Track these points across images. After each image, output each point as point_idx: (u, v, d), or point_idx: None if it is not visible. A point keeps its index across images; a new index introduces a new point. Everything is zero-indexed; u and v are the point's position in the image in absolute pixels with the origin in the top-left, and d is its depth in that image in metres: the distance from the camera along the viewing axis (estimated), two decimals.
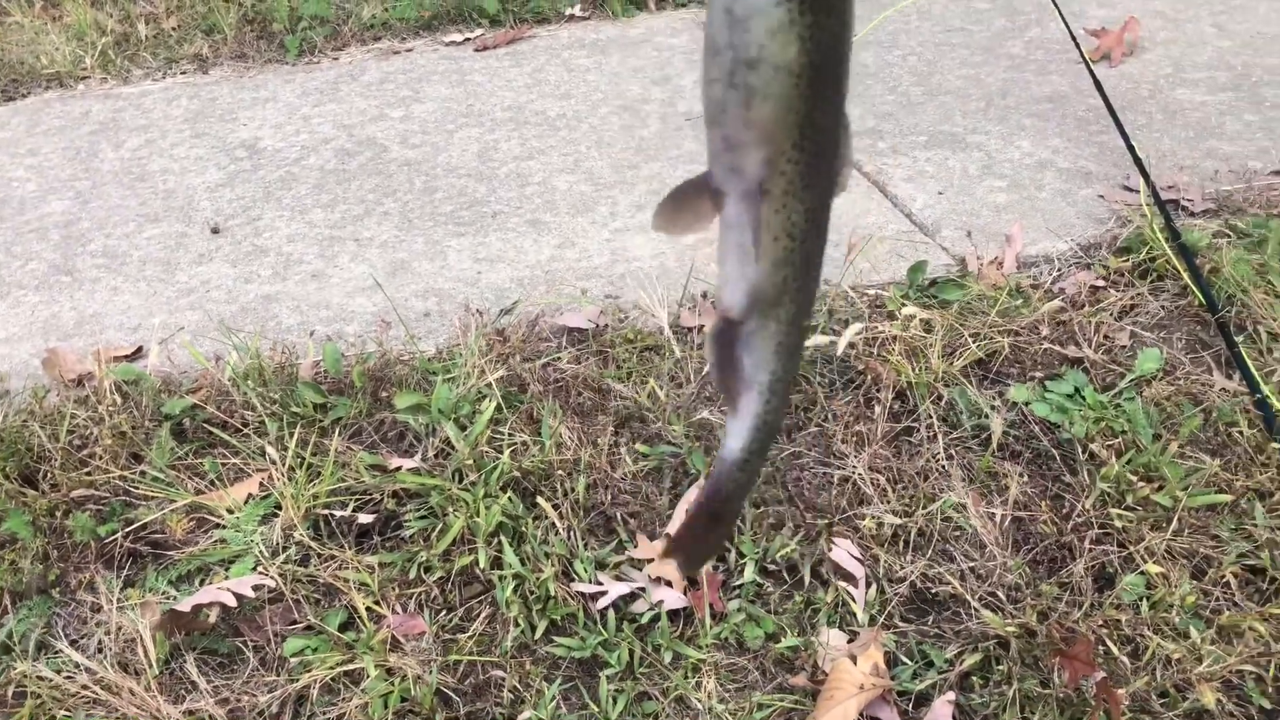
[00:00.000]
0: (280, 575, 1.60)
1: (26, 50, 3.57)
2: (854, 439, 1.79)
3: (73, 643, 1.53)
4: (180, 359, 2.07)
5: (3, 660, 1.52)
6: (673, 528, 1.64)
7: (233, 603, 1.53)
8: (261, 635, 1.54)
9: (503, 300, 2.19)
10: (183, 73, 3.47)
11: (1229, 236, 2.19)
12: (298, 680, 1.46)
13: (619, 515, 1.68)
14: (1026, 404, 1.83)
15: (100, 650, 1.52)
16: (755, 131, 0.68)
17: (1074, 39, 2.77)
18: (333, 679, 1.47)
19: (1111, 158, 2.56)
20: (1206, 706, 1.35)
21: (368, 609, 1.55)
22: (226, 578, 1.60)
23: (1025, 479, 1.71)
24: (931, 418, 1.81)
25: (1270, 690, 1.39)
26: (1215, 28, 3.23)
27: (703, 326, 2.04)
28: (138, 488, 1.76)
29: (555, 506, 1.67)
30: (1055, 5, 2.96)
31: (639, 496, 1.71)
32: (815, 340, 1.91)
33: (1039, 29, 3.28)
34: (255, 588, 1.57)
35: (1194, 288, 2.04)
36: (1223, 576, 1.53)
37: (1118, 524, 1.61)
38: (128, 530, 1.69)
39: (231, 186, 2.73)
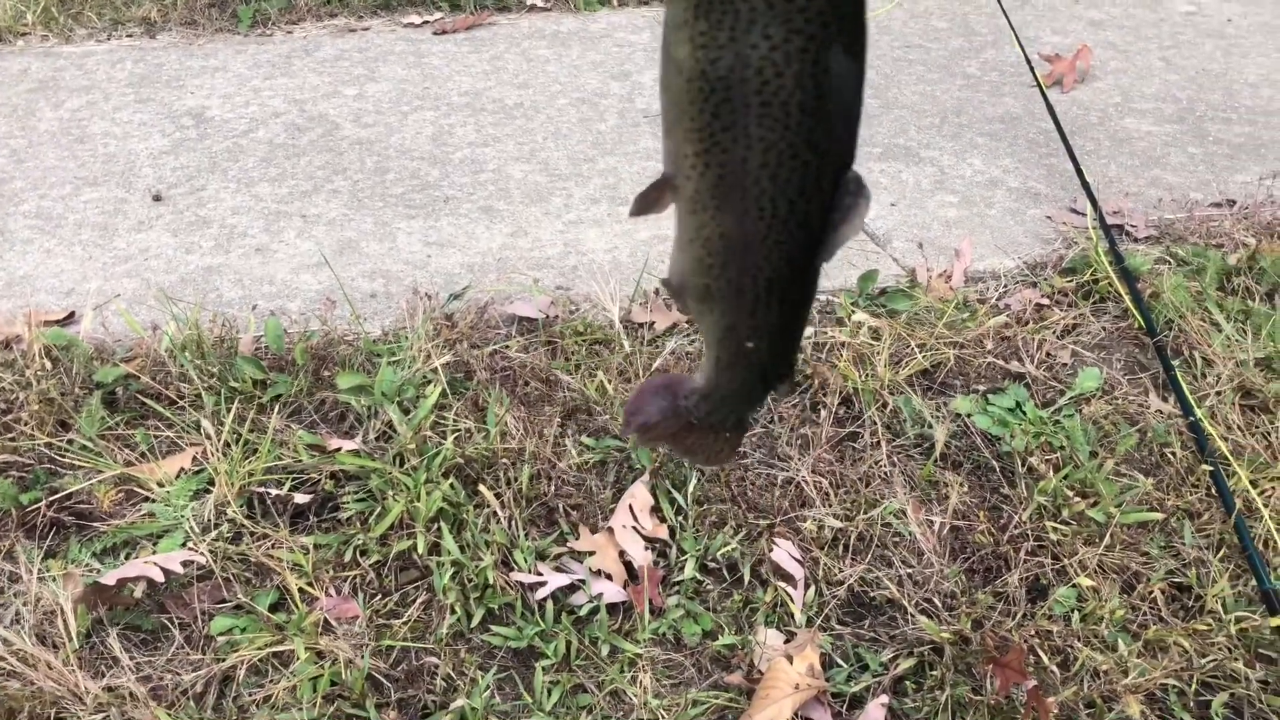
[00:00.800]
0: (211, 552, 1.55)
1: None
2: (799, 442, 1.80)
3: None
4: (115, 327, 2.01)
5: None
6: (615, 520, 1.63)
7: (160, 578, 1.49)
8: (188, 613, 1.50)
9: (452, 285, 2.17)
10: (129, 35, 3.38)
11: (1169, 263, 2.25)
12: (224, 660, 1.43)
13: (561, 506, 1.67)
14: (969, 415, 1.86)
15: (17, 621, 1.46)
16: (664, 119, 0.67)
17: (1029, 63, 2.82)
18: (261, 660, 1.44)
19: (1060, 180, 2.61)
20: (1132, 718, 1.38)
21: (300, 590, 1.51)
22: (154, 553, 1.55)
23: (965, 489, 1.73)
24: (876, 424, 1.82)
25: (1192, 704, 1.43)
26: (1163, 61, 3.31)
27: (654, 323, 2.03)
28: (64, 456, 1.70)
29: (497, 495, 1.65)
30: (1012, 29, 3.02)
31: (582, 489, 1.70)
32: None
33: (994, 51, 3.34)
34: (184, 564, 1.52)
35: (1134, 311, 2.08)
36: (1150, 592, 1.56)
37: (1053, 537, 1.64)
38: (52, 499, 1.63)
39: (176, 154, 2.66)
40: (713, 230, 0.69)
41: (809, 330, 1.96)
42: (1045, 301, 2.15)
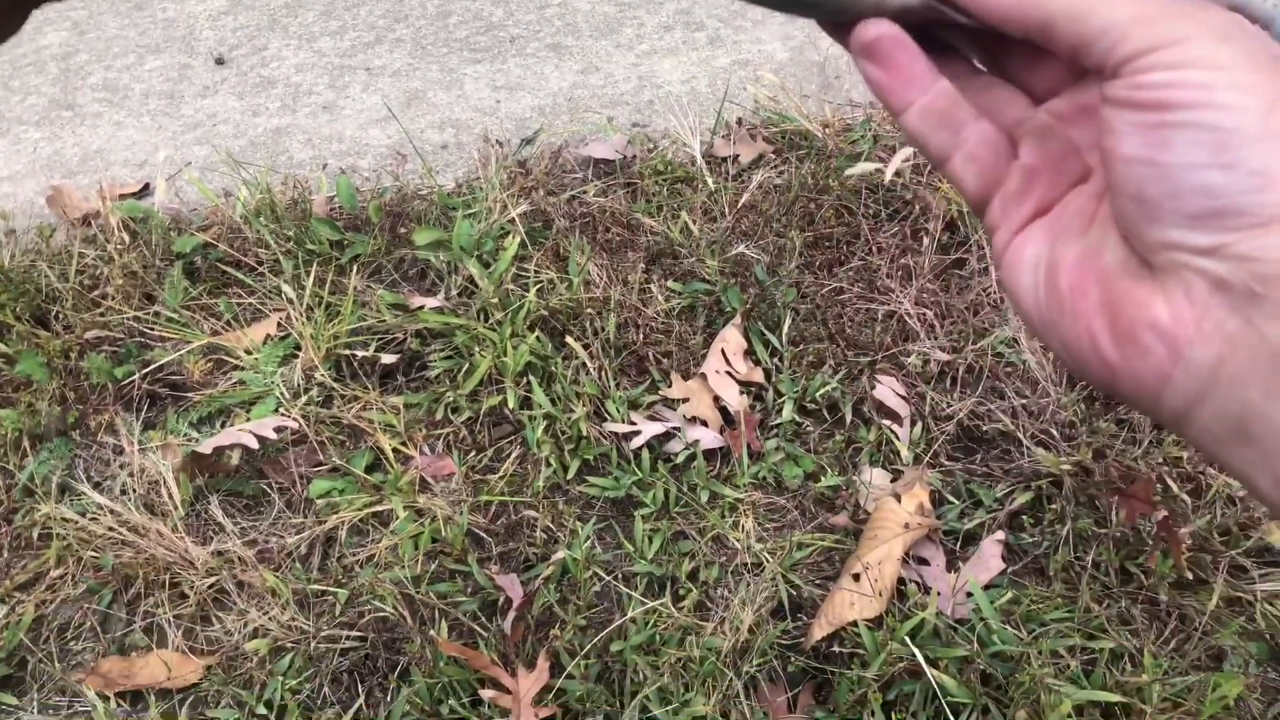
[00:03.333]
0: (303, 417, 1.55)
1: None
2: (900, 273, 1.69)
3: (96, 485, 1.50)
4: (189, 195, 1.98)
5: (26, 503, 1.49)
6: (707, 366, 1.57)
7: (255, 445, 1.49)
8: (286, 477, 1.50)
9: (524, 130, 2.07)
10: None
11: None
12: (325, 522, 1.43)
13: (651, 355, 1.61)
14: None
15: (124, 492, 1.48)
16: None
17: None
18: (361, 520, 1.44)
19: None
20: (1272, 543, 1.30)
21: (394, 450, 1.50)
22: (248, 419, 1.55)
23: None
24: (984, 249, 1.70)
25: None
26: None
27: (738, 156, 1.92)
28: (153, 329, 1.69)
29: (585, 346, 1.60)
30: None
31: (672, 335, 1.63)
32: (860, 168, 1.79)
33: None
34: (278, 429, 1.52)
35: None
36: None
37: None
38: (145, 372, 1.64)
39: (234, 14, 2.58)
40: None
41: (908, 150, 1.82)
42: None
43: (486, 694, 1.23)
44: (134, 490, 1.48)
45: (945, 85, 0.52)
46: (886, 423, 1.51)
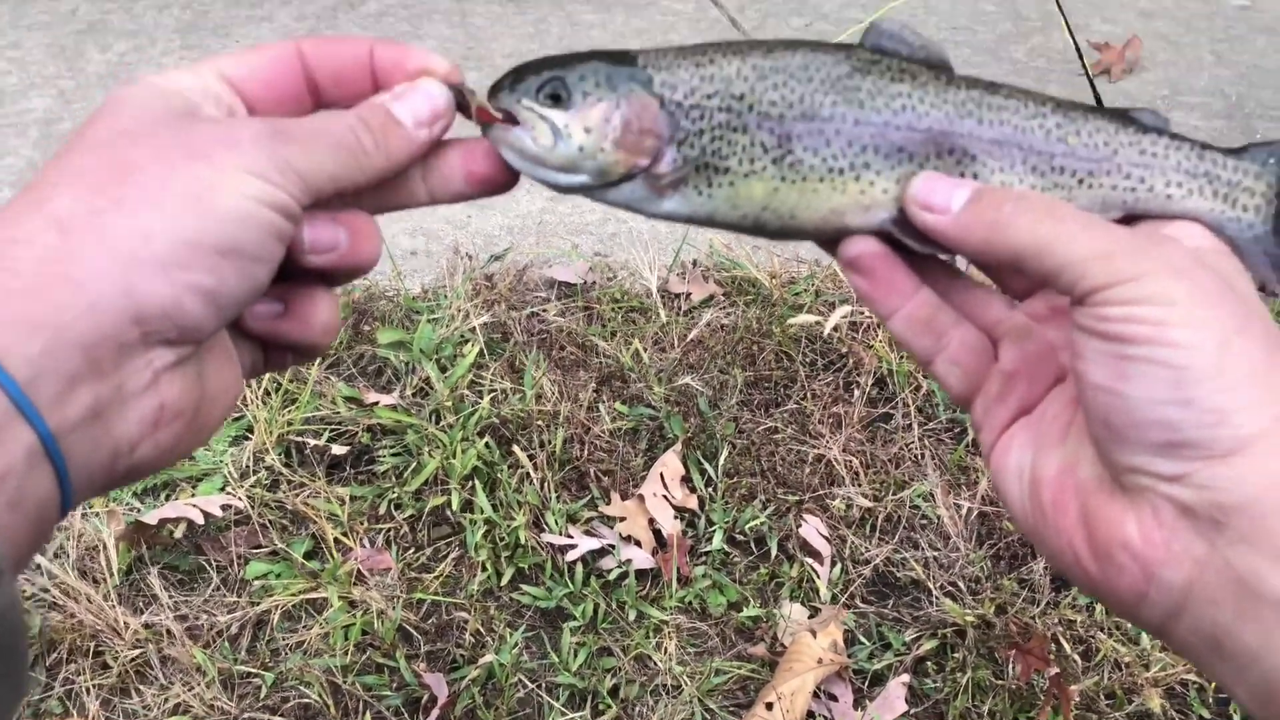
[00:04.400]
0: (249, 498, 1.58)
1: None
2: (831, 420, 1.81)
3: None
4: None
5: None
6: (646, 488, 1.65)
7: (200, 520, 1.52)
8: (225, 556, 1.53)
9: (492, 246, 2.18)
10: None
11: None
12: (259, 604, 1.46)
13: (593, 471, 1.69)
14: None
15: (58, 555, 1.49)
16: None
17: (1078, 50, 2.78)
18: (294, 606, 1.47)
19: None
20: (1151, 710, 1.39)
21: (335, 540, 1.54)
22: (193, 494, 1.58)
23: None
24: (909, 407, 1.83)
25: (1211, 700, 1.44)
26: (1214, 55, 3.27)
27: (690, 294, 2.04)
28: None
29: (531, 457, 1.67)
30: (1062, 14, 2.98)
31: (615, 455, 1.71)
32: (802, 318, 1.92)
33: (1042, 37, 3.30)
34: (223, 507, 1.55)
35: None
36: None
37: None
38: None
39: None
40: None
41: (846, 307, 1.96)
42: None
43: None
44: (71, 553, 1.49)
45: (926, 294, 0.55)
46: (809, 561, 1.60)
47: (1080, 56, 2.77)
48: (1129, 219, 0.57)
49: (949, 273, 0.56)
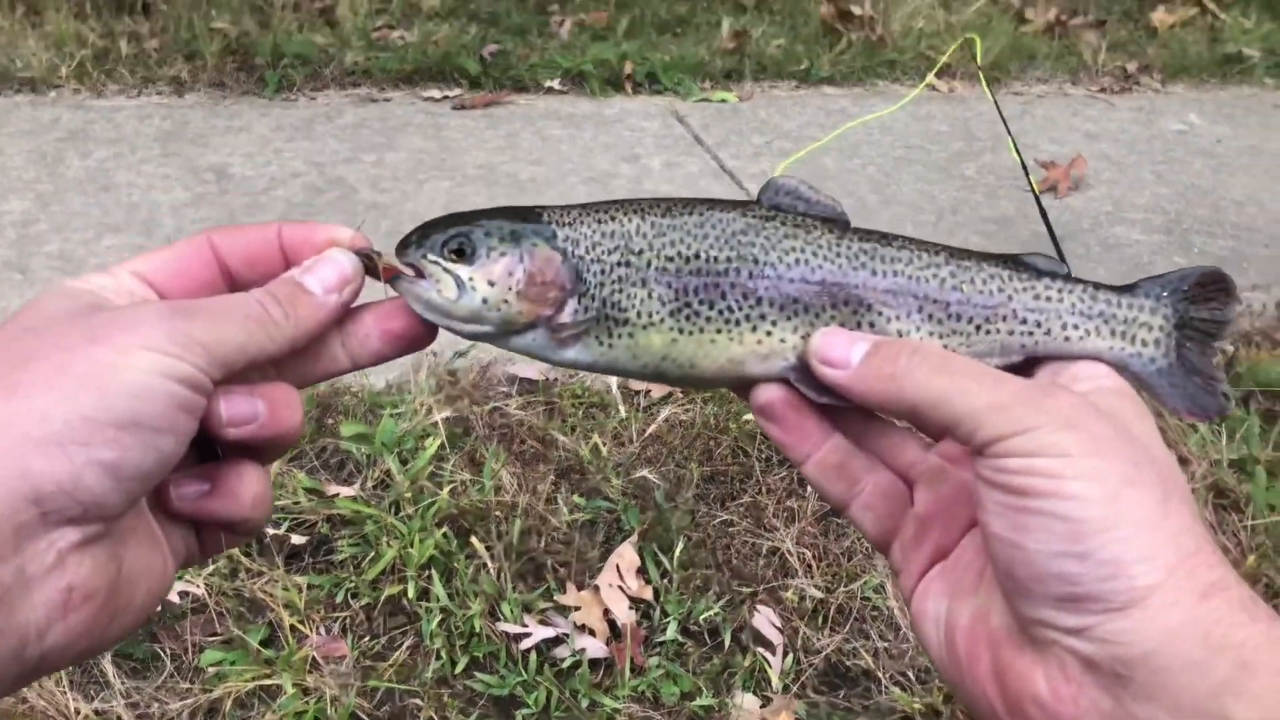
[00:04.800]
0: (206, 586, 1.59)
1: (1, 53, 3.57)
2: (785, 514, 1.85)
3: None
4: None
5: None
6: (602, 579, 1.67)
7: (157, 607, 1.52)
8: (180, 644, 1.53)
9: (457, 343, 2.23)
10: (159, 93, 3.50)
11: None
12: (212, 691, 1.46)
13: (550, 562, 1.71)
14: None
15: None
16: None
17: (1024, 168, 2.93)
18: (248, 693, 1.46)
19: None
20: None
21: (291, 628, 1.55)
22: None
23: None
24: None
25: None
26: (1154, 175, 3.44)
27: (649, 391, 2.09)
28: None
29: (488, 547, 1.70)
30: (1010, 136, 3.14)
31: (572, 546, 1.74)
32: None
33: (992, 155, 3.47)
34: (180, 595, 1.56)
35: None
36: None
37: None
38: None
39: (197, 207, 2.75)
40: None
41: None
42: None
43: None
44: None
45: (838, 440, 0.55)
46: (761, 651, 1.62)
47: (1027, 174, 2.92)
48: (1034, 361, 0.58)
49: (864, 415, 0.57)
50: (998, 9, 4.60)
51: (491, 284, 0.56)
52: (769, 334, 0.56)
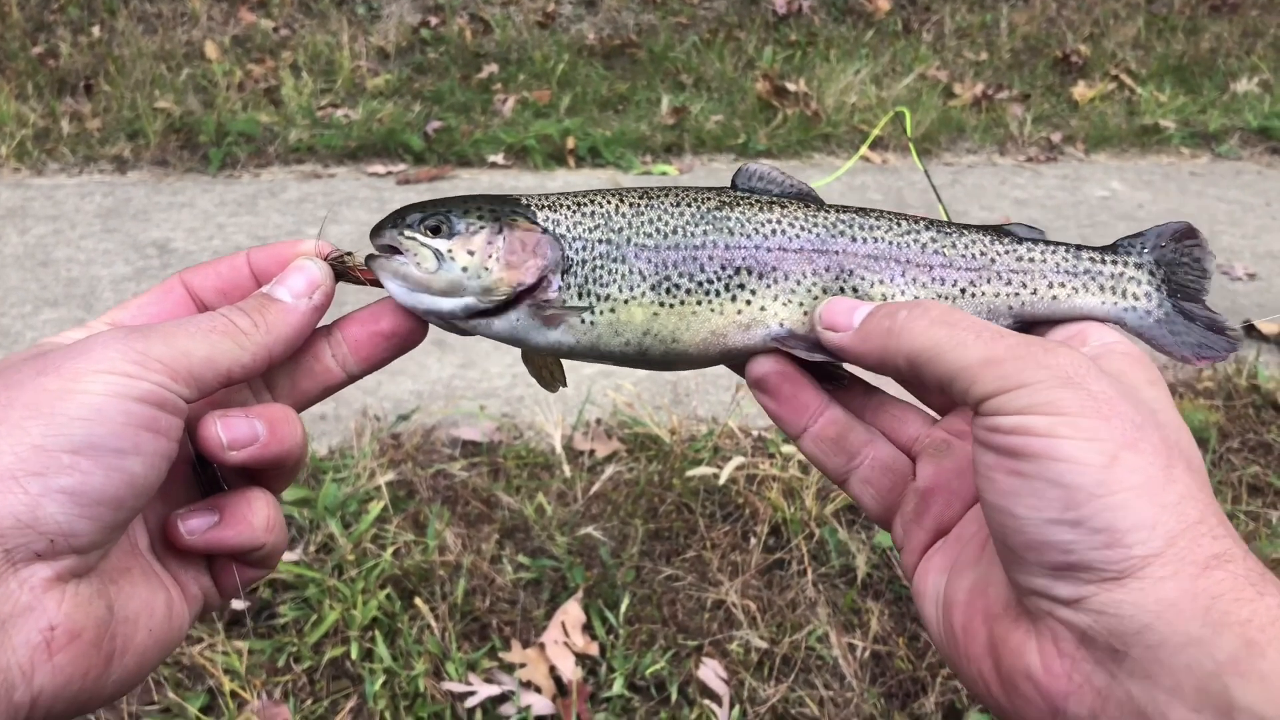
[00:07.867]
0: None
1: None
2: (729, 567, 1.86)
3: None
4: None
5: None
6: (547, 636, 1.67)
7: None
8: (115, 713, 1.50)
9: (401, 409, 2.24)
10: (100, 171, 3.51)
11: None
12: None
13: (495, 621, 1.71)
14: (891, 549, 1.94)
15: None
16: None
17: None
18: None
19: None
20: None
21: (231, 693, 1.52)
22: None
23: (885, 616, 1.80)
24: (803, 553, 1.90)
25: None
26: (1080, 238, 3.54)
27: (594, 450, 2.11)
28: None
29: (432, 608, 1.69)
30: (940, 203, 3.26)
31: (517, 605, 1.74)
32: (699, 470, 2.01)
33: None
34: None
35: None
36: None
37: None
38: None
39: (138, 281, 2.75)
40: None
41: (741, 459, 2.05)
42: None
43: None
44: None
45: (835, 413, 0.54)
46: (708, 703, 1.62)
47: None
48: (1029, 326, 0.58)
49: (865, 389, 0.56)
50: (927, 84, 4.79)
51: (471, 253, 0.57)
52: (748, 303, 0.57)
